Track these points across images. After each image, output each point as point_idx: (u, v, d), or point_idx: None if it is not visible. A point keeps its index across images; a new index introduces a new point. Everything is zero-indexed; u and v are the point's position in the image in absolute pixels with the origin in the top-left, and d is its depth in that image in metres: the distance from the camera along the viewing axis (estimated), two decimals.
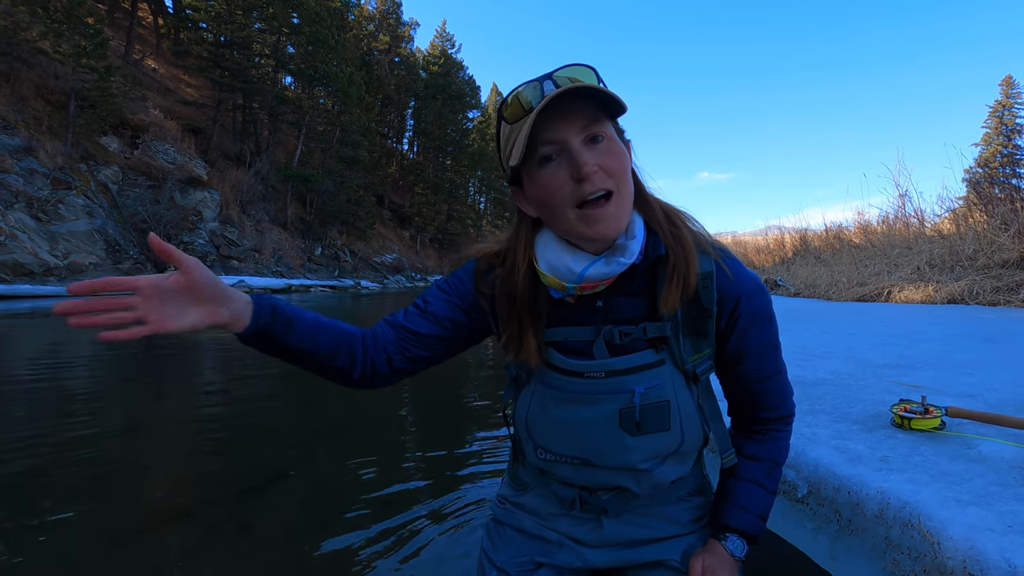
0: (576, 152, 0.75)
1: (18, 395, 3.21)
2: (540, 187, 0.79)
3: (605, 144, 0.77)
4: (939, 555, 0.80)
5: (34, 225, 14.88)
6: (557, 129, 0.75)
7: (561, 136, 0.76)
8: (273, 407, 3.09)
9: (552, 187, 0.78)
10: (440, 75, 46.30)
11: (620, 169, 0.78)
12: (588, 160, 0.75)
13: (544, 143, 0.76)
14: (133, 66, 24.15)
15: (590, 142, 0.77)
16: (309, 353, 0.87)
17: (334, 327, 0.89)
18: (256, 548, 1.41)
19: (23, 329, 6.76)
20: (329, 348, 0.88)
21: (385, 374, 0.94)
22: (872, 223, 12.02)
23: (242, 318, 0.80)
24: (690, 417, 0.88)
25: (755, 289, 0.88)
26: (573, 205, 0.77)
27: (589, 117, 0.76)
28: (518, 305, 0.87)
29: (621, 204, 0.78)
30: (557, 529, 0.99)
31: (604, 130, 0.77)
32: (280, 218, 27.43)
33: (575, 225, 0.79)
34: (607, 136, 0.78)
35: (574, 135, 0.76)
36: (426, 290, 0.99)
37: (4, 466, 1.97)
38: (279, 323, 0.83)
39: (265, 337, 0.83)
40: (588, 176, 0.75)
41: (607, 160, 0.77)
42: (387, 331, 0.93)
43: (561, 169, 0.77)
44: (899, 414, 1.31)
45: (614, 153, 0.78)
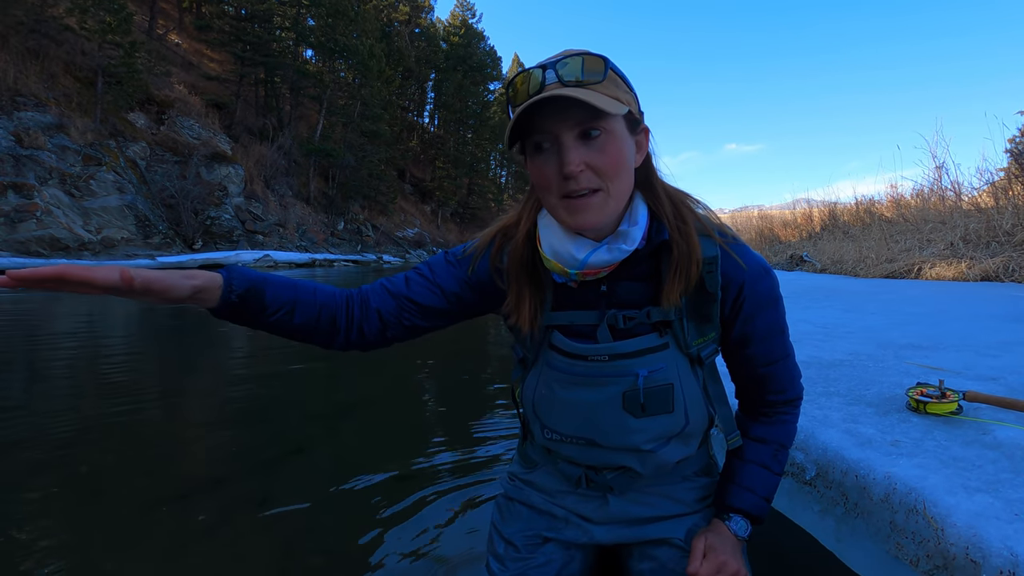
0: (564, 150, 0.74)
1: (56, 367, 3.36)
2: (534, 171, 0.80)
3: (600, 140, 0.75)
4: (942, 541, 0.80)
5: (68, 201, 15.30)
6: (551, 122, 0.75)
7: (554, 130, 0.75)
8: (295, 381, 3.18)
9: (543, 175, 0.78)
10: (461, 46, 45.57)
11: (610, 168, 0.76)
12: (574, 159, 0.74)
13: (538, 132, 0.76)
14: (157, 41, 24.31)
15: (584, 136, 0.75)
16: (287, 329, 0.86)
17: (313, 302, 0.87)
18: (278, 517, 1.47)
19: (60, 303, 7.02)
20: (307, 324, 0.87)
21: (373, 341, 0.94)
22: (905, 196, 11.62)
23: (208, 299, 0.78)
24: (695, 400, 0.89)
25: (761, 273, 0.87)
26: (559, 196, 0.78)
27: (587, 113, 0.74)
28: (517, 268, 0.88)
29: (608, 200, 0.77)
30: (564, 506, 1.02)
31: (603, 125, 0.75)
32: (303, 193, 27.68)
33: (560, 212, 0.79)
34: (605, 131, 0.75)
35: (567, 130, 0.74)
36: (431, 259, 0.98)
37: (44, 436, 2.08)
38: (249, 305, 0.81)
39: (237, 316, 0.82)
40: (572, 175, 0.74)
41: (597, 158, 0.75)
42: (386, 300, 0.93)
43: (551, 161, 0.76)
44: (915, 398, 1.30)
45: (607, 151, 0.75)
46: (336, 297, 0.90)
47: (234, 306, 0.80)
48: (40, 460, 1.85)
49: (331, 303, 0.89)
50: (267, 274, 0.85)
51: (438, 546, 1.31)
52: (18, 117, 14.86)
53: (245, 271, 0.82)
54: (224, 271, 0.80)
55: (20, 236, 13.87)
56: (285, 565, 1.23)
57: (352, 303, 0.91)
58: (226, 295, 0.78)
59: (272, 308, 0.83)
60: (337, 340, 0.91)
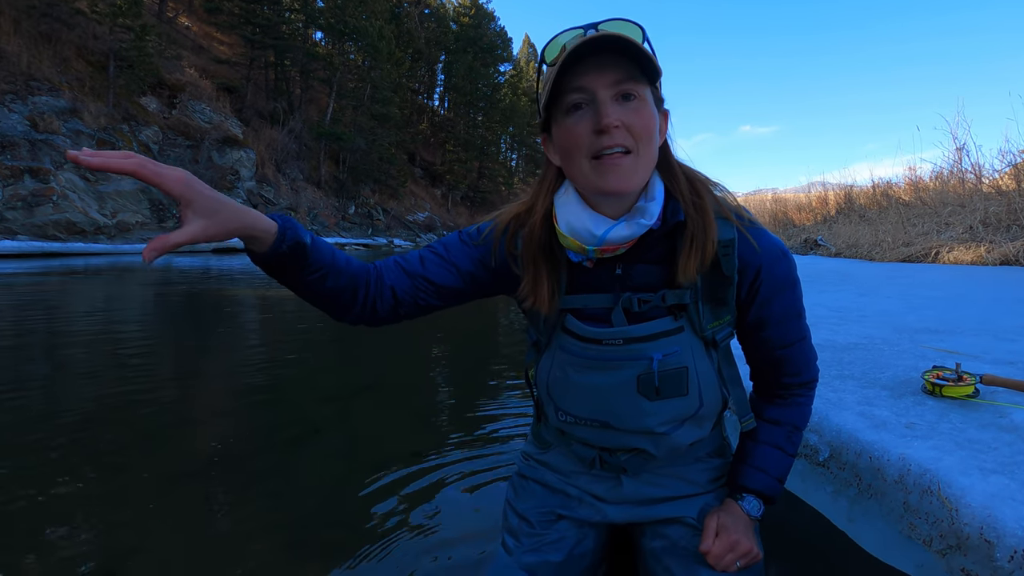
0: (602, 103, 0.75)
1: (76, 347, 3.43)
2: (564, 134, 0.79)
3: (635, 104, 0.76)
4: (956, 521, 0.80)
5: (83, 185, 15.47)
6: (590, 79, 0.75)
7: (592, 86, 0.75)
8: (309, 363, 3.22)
9: (574, 135, 0.78)
10: (471, 27, 45.05)
11: (644, 131, 0.77)
12: (611, 113, 0.74)
13: (575, 90, 0.76)
14: (167, 24, 24.29)
15: (621, 98, 0.76)
16: (314, 291, 0.85)
17: (344, 271, 0.86)
18: (295, 494, 1.51)
19: (78, 284, 7.14)
20: (333, 291, 0.86)
21: (384, 318, 0.93)
22: (924, 179, 11.40)
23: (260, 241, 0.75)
24: (709, 383, 0.89)
25: (779, 256, 0.87)
26: (589, 156, 0.77)
27: (624, 73, 0.75)
28: (534, 250, 0.88)
29: (639, 163, 0.77)
30: (578, 485, 1.03)
31: (638, 90, 0.76)
32: (314, 177, 27.74)
33: (589, 175, 0.78)
34: (639, 97, 0.76)
35: (604, 87, 0.75)
36: (444, 238, 0.98)
37: (67, 414, 2.14)
38: (295, 259, 0.78)
39: (278, 267, 0.79)
40: (607, 128, 0.74)
41: (632, 119, 0.76)
42: (401, 278, 0.92)
43: (586, 119, 0.76)
44: (931, 381, 1.29)
45: (641, 114, 0.76)
46: (359, 270, 0.89)
47: (281, 256, 0.77)
48: (64, 436, 1.90)
49: (355, 274, 0.88)
50: (310, 232, 0.82)
51: (450, 522, 1.33)
52: (33, 102, 14.99)
53: (295, 223, 0.79)
54: (278, 219, 0.77)
55: (37, 220, 14.07)
56: (303, 538, 1.27)
57: (370, 277, 0.90)
58: (278, 244, 0.75)
59: (313, 268, 0.81)
60: (351, 312, 0.91)
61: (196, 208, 0.67)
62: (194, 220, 0.67)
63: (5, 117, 14.24)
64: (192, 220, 0.67)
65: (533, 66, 59.15)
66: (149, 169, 0.63)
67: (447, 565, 1.16)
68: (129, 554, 1.20)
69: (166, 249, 0.64)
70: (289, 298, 6.15)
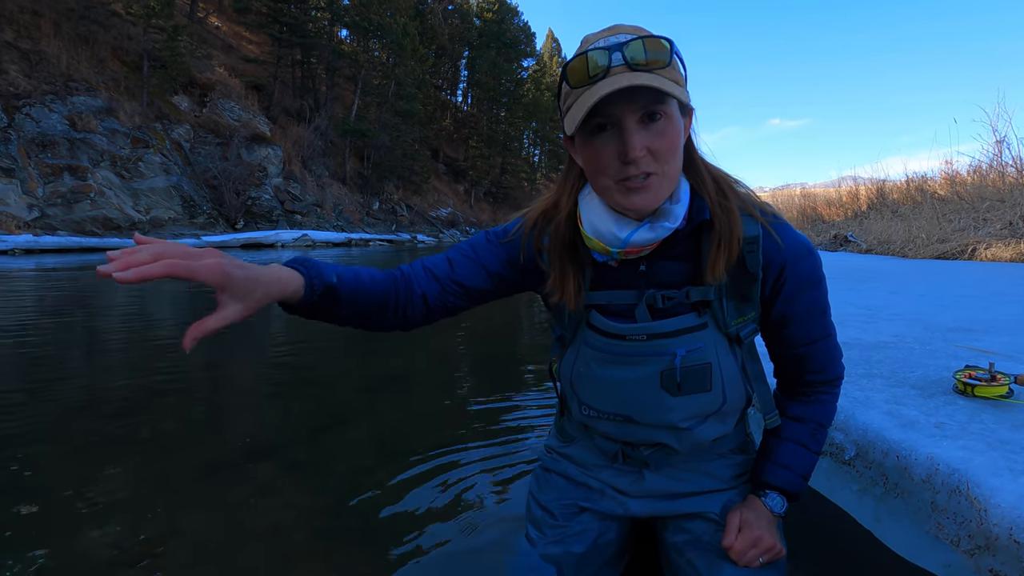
0: (628, 133, 0.74)
1: (113, 338, 3.57)
2: (589, 154, 0.79)
3: (661, 124, 0.75)
4: (985, 521, 0.80)
5: (118, 182, 15.96)
6: (616, 106, 0.74)
7: (618, 113, 0.74)
8: (336, 356, 3.29)
9: (599, 159, 0.77)
10: (494, 22, 44.97)
11: (669, 151, 0.76)
12: (637, 144, 0.73)
13: (601, 114, 0.75)
14: (198, 24, 24.83)
15: (647, 119, 0.75)
16: (349, 320, 0.87)
17: (372, 291, 0.87)
18: (323, 483, 1.55)
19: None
20: (367, 313, 0.88)
21: (417, 323, 0.95)
22: (961, 173, 11.02)
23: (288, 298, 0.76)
24: (733, 379, 0.90)
25: (804, 253, 0.87)
26: (614, 180, 0.77)
27: (652, 97, 0.73)
28: (560, 248, 0.89)
29: (663, 183, 0.77)
30: (600, 479, 1.04)
31: (664, 108, 0.75)
32: (339, 173, 28.10)
33: (613, 195, 0.79)
34: (665, 115, 0.75)
35: (631, 113, 0.74)
36: (470, 239, 1.00)
37: (106, 403, 2.23)
38: (326, 301, 0.81)
39: (312, 312, 0.82)
40: (635, 160, 0.74)
41: (657, 142, 0.75)
42: (431, 283, 0.94)
43: (611, 143, 0.76)
44: (962, 380, 1.27)
45: (666, 135, 0.75)
46: (386, 283, 0.90)
47: (314, 304, 0.79)
48: (104, 425, 1.98)
49: (384, 290, 0.89)
50: (334, 266, 0.83)
51: (474, 512, 1.36)
52: (71, 102, 15.50)
53: (318, 265, 0.80)
54: (301, 268, 0.78)
55: (76, 216, 14.58)
56: (331, 525, 1.31)
57: (398, 287, 0.91)
58: (309, 295, 0.77)
59: (344, 302, 0.83)
60: (382, 325, 0.93)
61: (232, 292, 0.68)
62: (230, 304, 0.68)
63: (46, 117, 14.76)
64: (229, 304, 0.68)
65: (556, 61, 58.76)
66: (181, 267, 0.62)
67: (471, 555, 1.19)
68: (167, 536, 1.26)
69: (203, 335, 0.65)
70: None
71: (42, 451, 1.76)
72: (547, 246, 0.92)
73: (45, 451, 1.76)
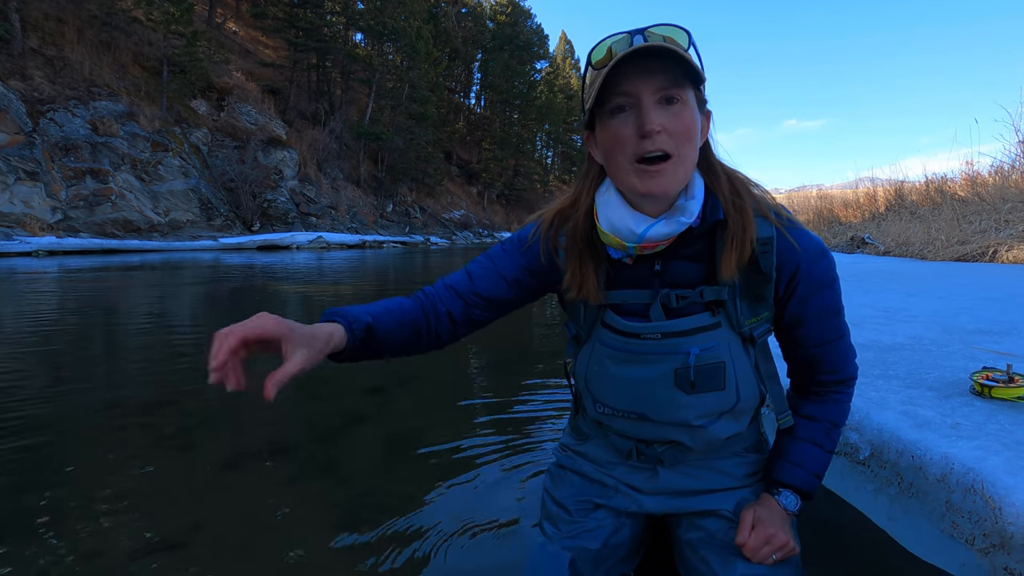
0: (645, 109, 0.77)
1: (135, 338, 3.65)
2: (607, 135, 0.82)
3: (678, 108, 0.78)
4: (1000, 520, 0.80)
5: (139, 185, 16.27)
6: (634, 83, 0.78)
7: (636, 90, 0.78)
8: None
9: (617, 137, 0.80)
10: (507, 24, 45.09)
11: (685, 135, 0.79)
12: (654, 119, 0.77)
13: (620, 94, 0.79)
14: (216, 30, 25.23)
15: (664, 102, 0.78)
16: (387, 353, 0.95)
17: (404, 321, 0.93)
18: (342, 480, 1.59)
19: (136, 280, 7.55)
20: (403, 344, 0.95)
21: (446, 341, 1.01)
22: (983, 174, 10.82)
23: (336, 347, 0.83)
24: (746, 378, 0.91)
25: (817, 255, 0.88)
26: (632, 159, 0.80)
27: (669, 78, 0.77)
28: (579, 243, 0.92)
29: (679, 168, 0.80)
30: (615, 476, 1.06)
31: (681, 94, 0.78)
32: (354, 176, 28.35)
33: (630, 178, 0.81)
34: (682, 100, 0.79)
35: (649, 92, 0.78)
36: (489, 251, 1.03)
37: (130, 401, 2.29)
38: (367, 344, 0.89)
39: (354, 357, 0.89)
40: (650, 134, 0.77)
41: (674, 123, 0.78)
42: (454, 300, 0.98)
43: (629, 122, 0.79)
44: (979, 382, 1.26)
45: (683, 119, 0.79)
46: (414, 309, 0.96)
47: (356, 346, 0.86)
48: (129, 422, 2.04)
49: (414, 316, 0.95)
50: (364, 307, 0.91)
51: (489, 509, 1.38)
52: (93, 106, 15.84)
53: (348, 312, 0.88)
54: (337, 318, 0.86)
55: (97, 219, 14.89)
56: (349, 520, 1.34)
57: (426, 311, 0.97)
58: (352, 339, 0.85)
59: (382, 338, 0.91)
60: (422, 347, 0.99)
61: (296, 341, 0.76)
62: (297, 351, 0.76)
63: (69, 121, 15.09)
64: (296, 352, 0.75)
65: (570, 63, 58.76)
66: (250, 330, 0.74)
67: (487, 550, 1.20)
68: (192, 528, 1.29)
69: (284, 382, 0.72)
70: (328, 293, 6.35)
71: (66, 445, 1.81)
72: (564, 244, 0.94)
73: (69, 445, 1.81)
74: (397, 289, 7.00)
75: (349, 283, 7.70)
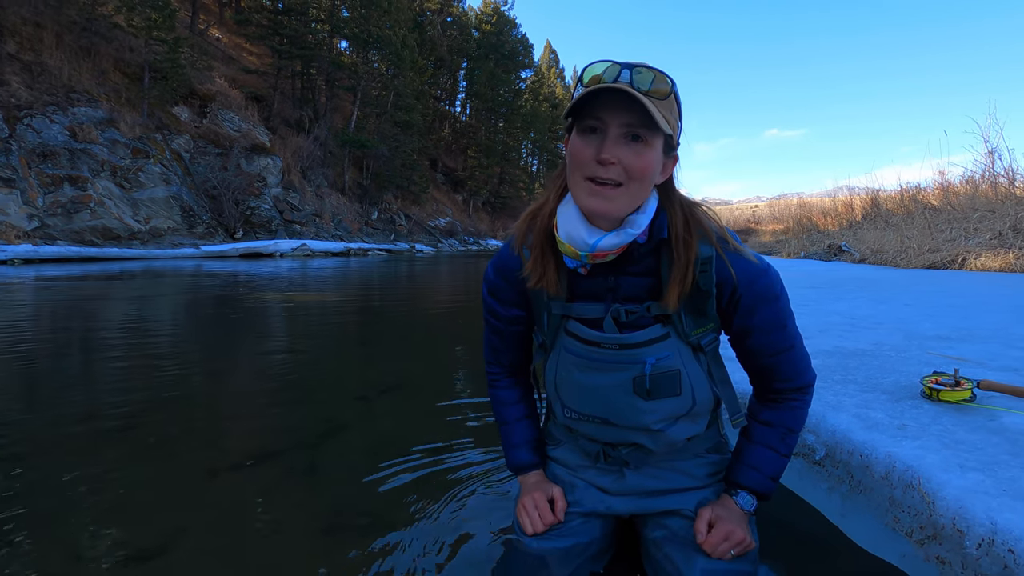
0: (609, 140, 0.85)
1: (115, 348, 3.63)
2: (574, 149, 0.89)
3: (640, 147, 0.85)
4: (933, 513, 0.87)
5: (118, 192, 16.04)
6: (608, 112, 0.85)
7: (608, 119, 0.85)
8: (335, 362, 3.35)
9: (580, 155, 0.88)
10: (493, 34, 45.41)
11: (640, 172, 0.86)
12: (613, 151, 0.84)
13: (594, 117, 0.86)
14: (199, 36, 25.07)
15: (630, 138, 0.85)
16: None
17: (530, 420, 1.22)
18: (324, 487, 1.61)
19: (115, 288, 7.45)
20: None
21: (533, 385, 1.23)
22: (954, 183, 11.16)
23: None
24: (700, 383, 0.98)
25: (757, 273, 0.95)
26: (585, 177, 0.87)
27: (639, 119, 0.84)
28: (542, 239, 0.98)
29: (624, 196, 0.87)
30: (584, 478, 1.12)
31: (648, 135, 0.85)
32: (338, 183, 28.24)
33: (580, 192, 0.89)
34: (646, 141, 0.85)
35: (617, 125, 0.85)
36: (486, 308, 1.14)
37: (112, 409, 2.29)
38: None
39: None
40: (605, 163, 0.85)
41: (631, 160, 0.85)
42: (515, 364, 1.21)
43: (593, 144, 0.86)
44: (929, 386, 1.34)
45: (643, 158, 0.86)
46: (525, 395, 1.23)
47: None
48: (111, 430, 2.04)
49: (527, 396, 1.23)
50: (526, 437, 1.19)
51: (468, 513, 1.42)
52: (72, 112, 15.62)
53: (533, 455, 1.18)
54: (532, 465, 1.17)
55: (75, 226, 14.64)
56: (331, 526, 1.37)
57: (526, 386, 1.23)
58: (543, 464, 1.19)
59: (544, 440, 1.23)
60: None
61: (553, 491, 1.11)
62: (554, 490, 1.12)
63: (47, 128, 14.86)
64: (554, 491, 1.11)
65: (554, 72, 59.20)
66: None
67: (463, 552, 1.24)
68: (175, 534, 1.32)
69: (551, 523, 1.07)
70: (313, 301, 6.34)
71: (44, 455, 1.81)
72: (531, 242, 1.01)
73: (47, 455, 1.82)
74: (383, 299, 7.01)
75: (333, 291, 7.68)
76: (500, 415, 1.21)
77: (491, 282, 1.10)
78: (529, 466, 1.16)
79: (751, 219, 43.86)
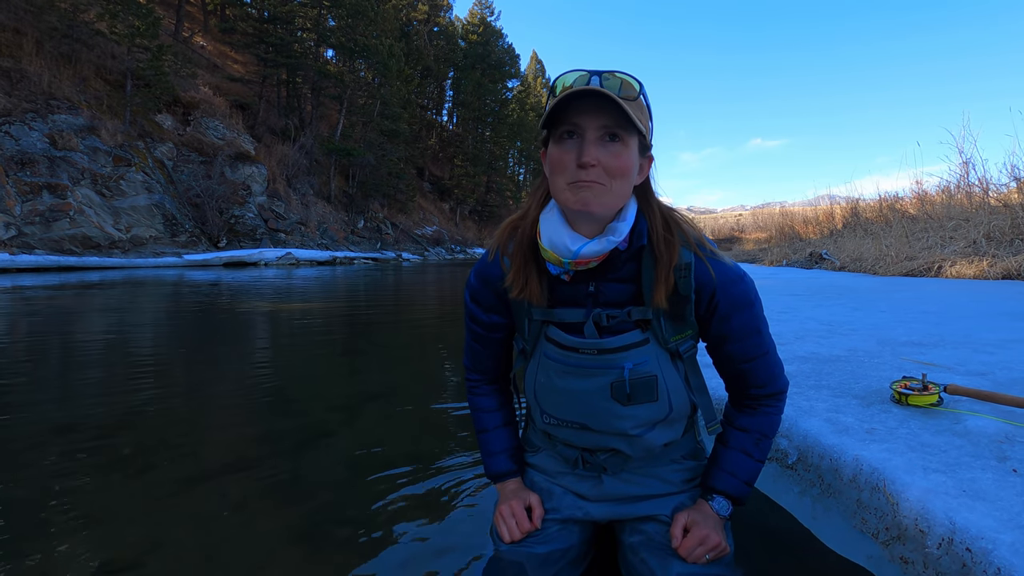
0: (587, 143, 0.87)
1: (93, 357, 3.57)
2: (553, 156, 0.92)
3: (617, 147, 0.88)
4: (897, 514, 0.89)
5: (99, 200, 15.82)
6: (583, 117, 0.88)
7: (583, 123, 0.88)
8: (319, 371, 3.33)
9: (560, 161, 0.90)
10: (479, 44, 45.74)
11: (619, 172, 0.89)
12: (592, 153, 0.87)
13: (569, 123, 0.88)
14: (183, 44, 24.91)
15: (606, 139, 0.88)
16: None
17: (509, 428, 1.22)
18: (306, 496, 1.60)
19: (94, 298, 7.33)
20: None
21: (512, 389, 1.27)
22: (931, 193, 11.44)
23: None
24: (677, 390, 0.99)
25: (734, 279, 0.98)
26: (568, 183, 0.90)
27: (613, 121, 0.87)
28: (524, 249, 1.00)
29: (608, 193, 0.89)
30: (563, 484, 1.13)
31: (623, 135, 0.88)
32: (324, 192, 28.13)
33: (564, 193, 0.91)
34: (623, 141, 0.88)
35: (593, 128, 0.87)
36: (468, 313, 1.15)
37: (89, 419, 2.26)
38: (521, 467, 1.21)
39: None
40: (586, 166, 0.87)
41: (610, 160, 0.88)
42: (495, 370, 1.22)
43: (572, 150, 0.89)
44: (898, 391, 1.38)
45: (621, 158, 0.88)
46: (504, 402, 1.24)
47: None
48: (87, 441, 2.01)
49: (507, 402, 1.25)
50: (505, 446, 1.20)
51: (449, 521, 1.42)
52: (52, 120, 15.41)
53: (515, 465, 1.20)
54: (510, 473, 1.19)
55: (54, 235, 14.40)
56: (312, 535, 1.36)
57: (506, 394, 1.25)
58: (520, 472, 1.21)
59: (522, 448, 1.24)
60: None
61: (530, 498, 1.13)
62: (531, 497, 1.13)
63: (25, 135, 14.64)
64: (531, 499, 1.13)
65: (540, 82, 59.75)
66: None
67: (442, 559, 1.25)
68: (151, 547, 1.30)
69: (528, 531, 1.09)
70: (297, 311, 6.29)
71: (19, 468, 1.78)
72: (512, 251, 1.02)
73: (23, 468, 1.79)
74: (369, 306, 6.98)
75: (319, 300, 7.63)
76: (479, 422, 1.22)
77: (474, 288, 1.12)
78: (507, 474, 1.17)
79: (735, 227, 44.41)
